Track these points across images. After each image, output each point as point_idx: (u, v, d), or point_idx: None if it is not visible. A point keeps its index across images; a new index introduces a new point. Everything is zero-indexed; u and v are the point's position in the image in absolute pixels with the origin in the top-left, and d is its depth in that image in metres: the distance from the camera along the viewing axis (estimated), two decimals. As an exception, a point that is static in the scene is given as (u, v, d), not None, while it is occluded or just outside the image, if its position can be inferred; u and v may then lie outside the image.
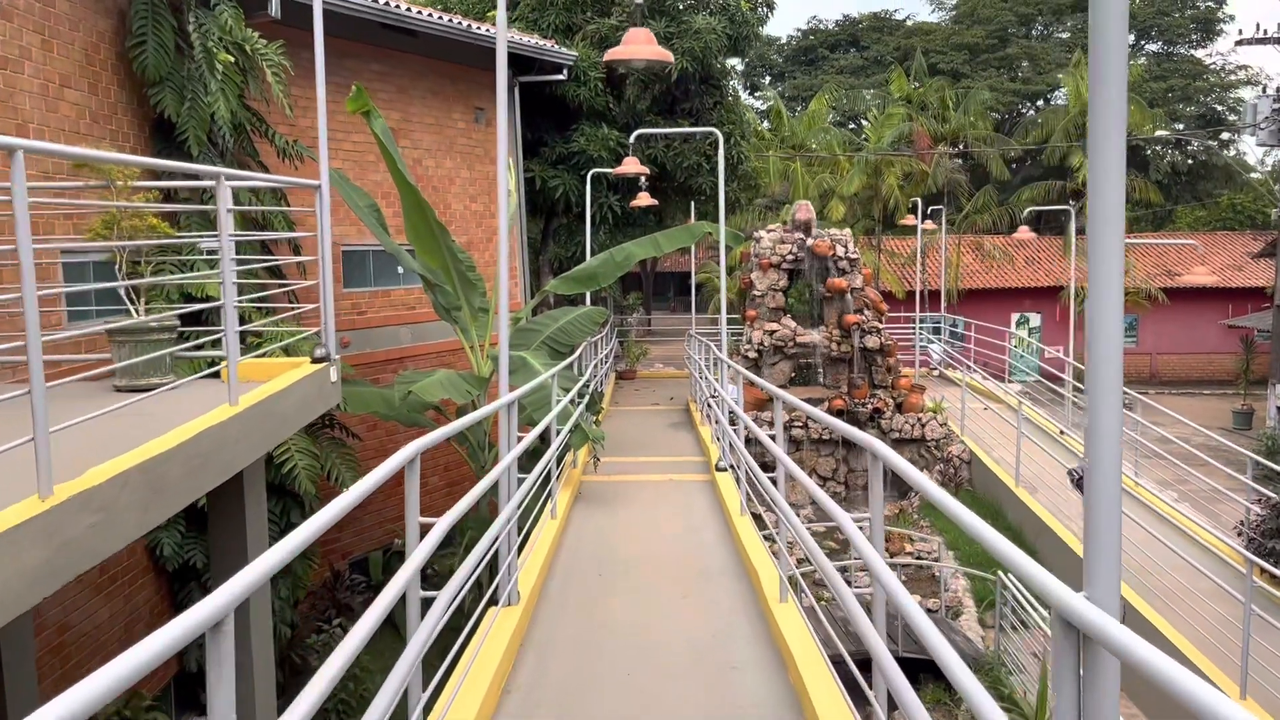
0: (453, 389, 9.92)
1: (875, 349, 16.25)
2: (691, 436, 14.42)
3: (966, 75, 43.48)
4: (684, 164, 18.11)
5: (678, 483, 11.00)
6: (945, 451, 15.73)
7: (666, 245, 11.62)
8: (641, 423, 16.04)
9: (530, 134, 18.35)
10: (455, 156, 15.78)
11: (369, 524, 14.17)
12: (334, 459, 10.73)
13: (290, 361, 7.26)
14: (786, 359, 16.55)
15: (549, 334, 12.46)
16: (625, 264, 11.47)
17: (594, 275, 11.46)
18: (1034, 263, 39.98)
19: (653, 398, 19.75)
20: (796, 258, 16.65)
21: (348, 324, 13.77)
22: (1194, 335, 38.23)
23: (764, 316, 16.66)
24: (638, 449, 13.26)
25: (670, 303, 57.24)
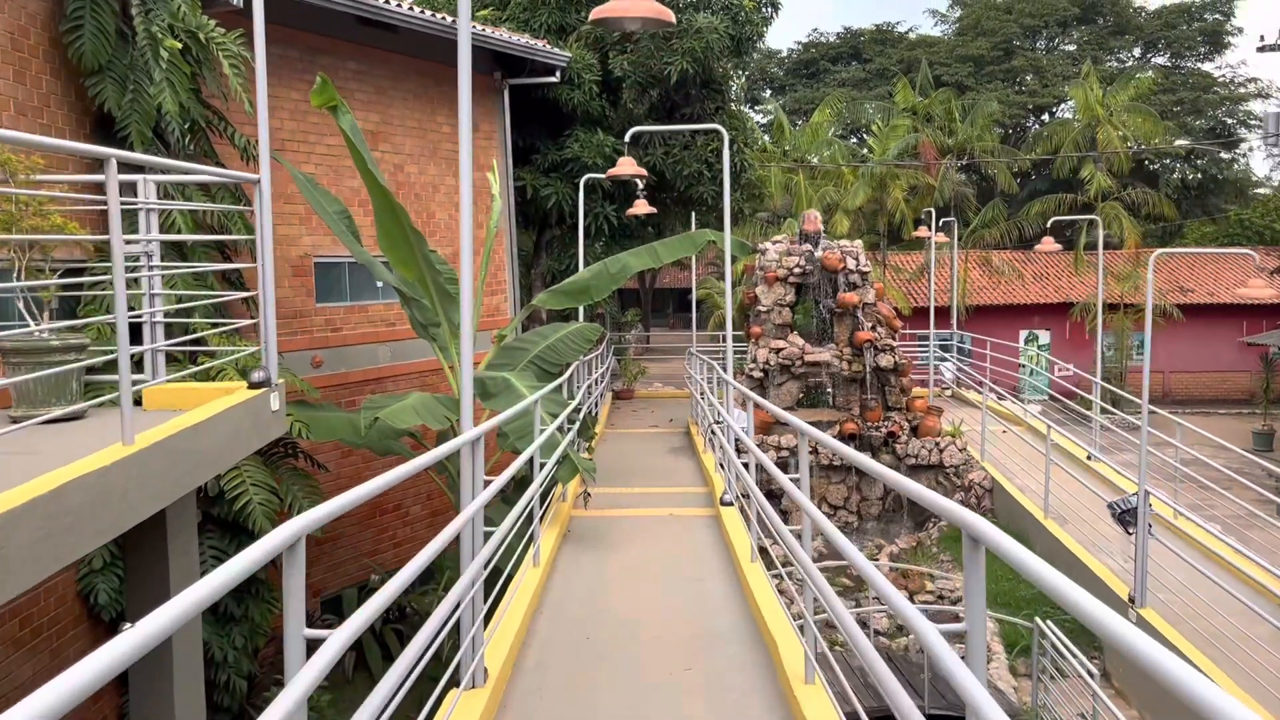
0: (427, 414, 8.84)
1: (889, 368, 15.19)
2: (693, 463, 13.34)
3: (971, 88, 42.60)
4: (684, 171, 17.09)
5: (678, 518, 9.91)
6: (965, 479, 14.65)
7: (666, 255, 10.60)
8: (639, 447, 14.96)
9: (521, 140, 17.35)
10: (439, 162, 14.76)
11: (343, 558, 13.08)
12: (296, 492, 9.63)
13: (219, 387, 6.18)
14: (794, 379, 15.49)
15: (537, 353, 11.39)
16: (620, 276, 10.42)
17: (586, 289, 10.40)
18: (1042, 278, 38.96)
19: (651, 419, 18.67)
20: (804, 271, 15.62)
21: (321, 342, 12.72)
22: (1208, 353, 37.16)
23: (770, 333, 15.61)
24: (634, 478, 12.18)
25: (669, 319, 56.28)
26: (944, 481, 14.90)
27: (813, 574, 4.69)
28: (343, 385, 13.01)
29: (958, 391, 20.62)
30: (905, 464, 14.91)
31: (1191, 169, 43.24)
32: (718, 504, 9.98)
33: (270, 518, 8.99)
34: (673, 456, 14.03)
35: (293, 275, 12.38)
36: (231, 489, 8.87)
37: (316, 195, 10.55)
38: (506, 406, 9.14)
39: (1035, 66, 44.37)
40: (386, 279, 10.39)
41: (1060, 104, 44.45)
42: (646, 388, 23.08)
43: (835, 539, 4.17)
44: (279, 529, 2.44)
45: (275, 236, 12.48)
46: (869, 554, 13.88)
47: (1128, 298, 32.78)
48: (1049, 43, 48.19)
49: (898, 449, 14.89)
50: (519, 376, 9.73)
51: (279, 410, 6.23)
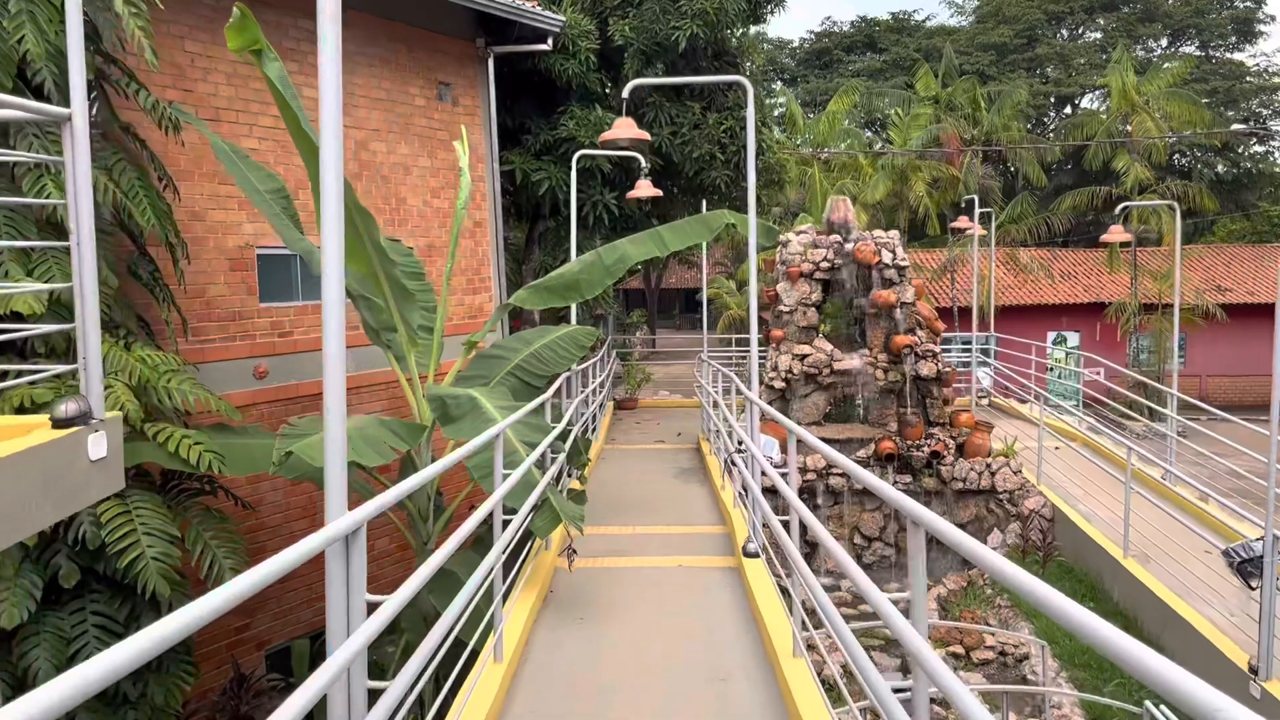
0: (365, 446, 6.84)
1: (931, 378, 13.15)
2: (705, 491, 11.32)
3: (993, 77, 40.51)
4: (694, 154, 15.08)
5: (691, 571, 7.89)
6: (1021, 506, 12.60)
7: (674, 242, 8.59)
8: (642, 469, 12.94)
9: (509, 119, 15.36)
10: (412, 140, 12.76)
11: (293, 603, 11.08)
12: (208, 540, 7.62)
13: (14, 424, 4.17)
14: (821, 390, 13.45)
15: (519, 362, 9.39)
16: (617, 269, 8.41)
17: (575, 284, 8.39)
18: (1069, 277, 36.86)
19: (657, 433, 16.64)
20: (833, 265, 13.59)
21: (265, 348, 10.73)
22: (1248, 355, 35.04)
23: (793, 337, 13.59)
24: (636, 512, 10.16)
25: (676, 320, 54.33)
26: (996, 509, 12.86)
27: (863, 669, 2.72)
28: (293, 399, 11.02)
29: (995, 401, 18.54)
30: (952, 488, 12.87)
31: (1226, 162, 41.07)
32: (739, 552, 7.97)
33: (169, 576, 7.01)
34: (681, 481, 12.00)
35: (230, 270, 10.39)
36: (115, 540, 6.89)
37: (243, 169, 8.56)
38: (472, 433, 7.14)
39: (1061, 54, 42.23)
40: (328, 272, 8.38)
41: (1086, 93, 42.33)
42: (652, 396, 21.05)
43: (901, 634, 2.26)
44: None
45: (207, 223, 10.53)
46: (912, 596, 11.82)
47: (1166, 297, 30.68)
48: (1072, 30, 46.03)
49: (943, 471, 12.85)
50: (490, 394, 7.72)
51: (109, 459, 4.22)
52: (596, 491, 11.26)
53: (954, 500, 12.84)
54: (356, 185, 11.98)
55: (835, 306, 13.68)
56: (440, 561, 4.02)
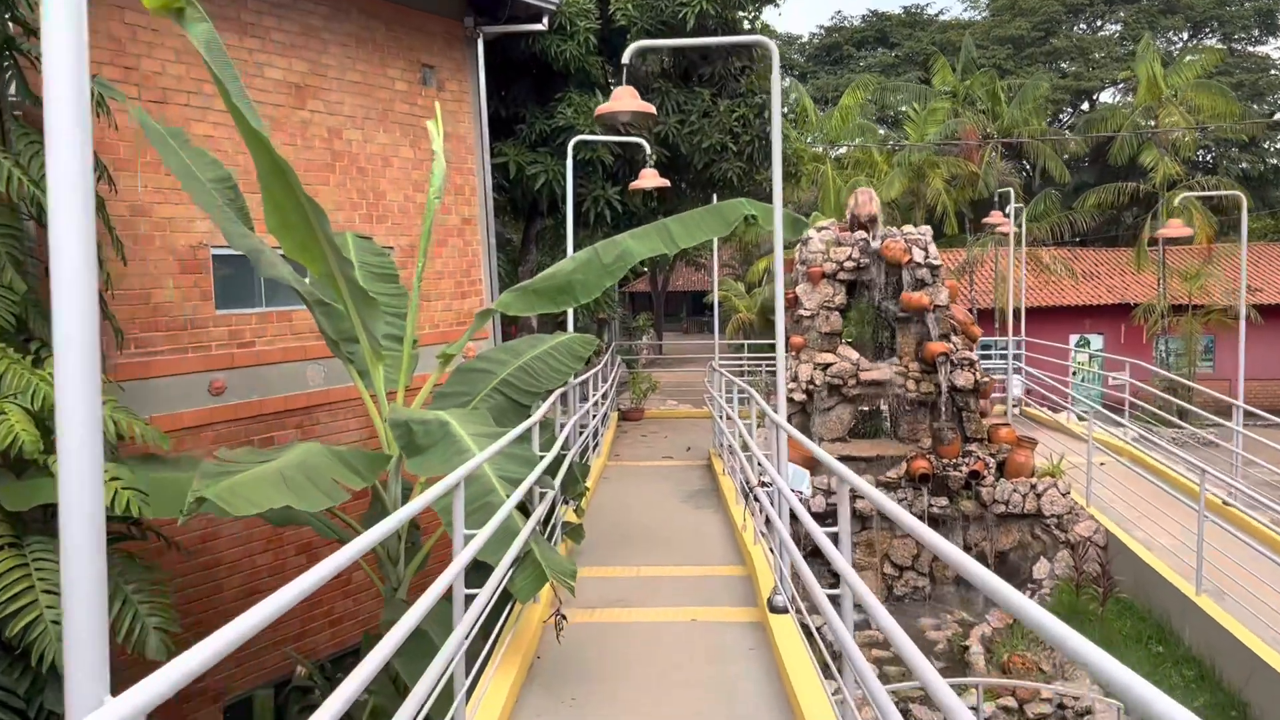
0: (312, 481, 5.58)
1: (968, 388, 11.86)
2: (719, 518, 10.05)
3: (1010, 71, 39.19)
4: (703, 144, 13.82)
5: (706, 628, 6.63)
6: (1070, 532, 11.30)
7: (684, 237, 7.29)
8: (648, 491, 11.67)
9: (502, 108, 14.13)
10: (392, 129, 11.52)
11: (256, 646, 9.83)
12: (129, 595, 6.36)
13: None
14: (846, 402, 12.17)
15: (506, 376, 8.13)
16: (617, 268, 7.12)
17: (569, 286, 7.11)
18: (1092, 277, 35.48)
19: (664, 447, 15.39)
20: (858, 265, 12.30)
21: (223, 360, 9.48)
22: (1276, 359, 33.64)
23: (814, 344, 12.31)
24: (642, 546, 8.89)
25: (683, 324, 53.11)
26: (1042, 535, 11.56)
27: None
28: (256, 418, 9.78)
29: (1026, 410, 17.21)
30: (993, 512, 11.57)
31: (1252, 157, 39.66)
32: (763, 603, 6.71)
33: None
34: (692, 506, 10.73)
35: (180, 272, 9.14)
36: (4, 599, 5.64)
37: (181, 154, 7.31)
38: (442, 467, 5.90)
39: (1081, 47, 40.87)
40: (279, 275, 7.13)
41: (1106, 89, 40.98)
42: (659, 405, 19.78)
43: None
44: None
45: (153, 219, 9.27)
46: (952, 636, 10.55)
47: (1197, 297, 29.31)
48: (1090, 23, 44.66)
49: (983, 493, 11.55)
50: (467, 418, 6.46)
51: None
52: (597, 520, 10.00)
53: (995, 525, 11.55)
54: (329, 177, 10.75)
55: (861, 310, 12.41)
56: (400, 638, 2.99)
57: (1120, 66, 39.31)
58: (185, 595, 9.04)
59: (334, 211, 10.82)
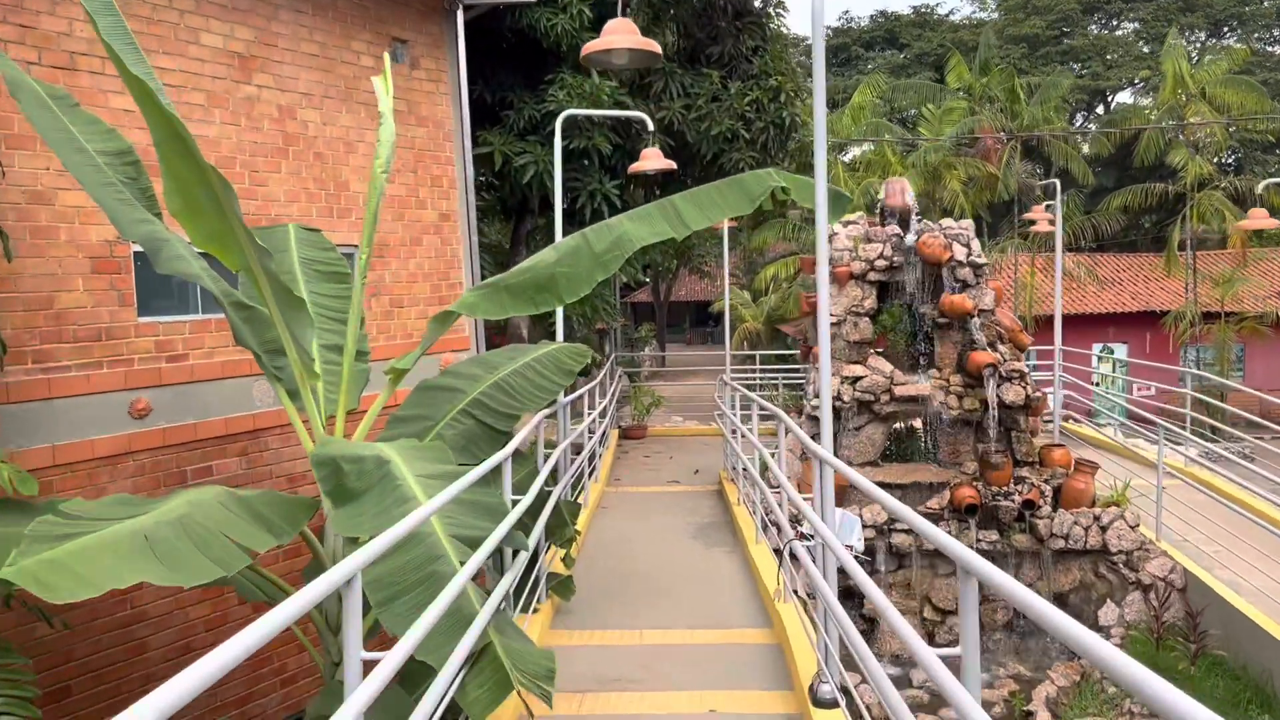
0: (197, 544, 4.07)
1: (1018, 405, 10.33)
2: (736, 560, 8.52)
3: (1026, 71, 37.75)
4: (712, 132, 12.34)
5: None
6: (1141, 570, 9.76)
7: (696, 217, 5.71)
8: (651, 525, 10.15)
9: (487, 93, 12.67)
10: (356, 110, 10.04)
11: (194, 711, 8.27)
12: (-28, 687, 4.82)
13: None
14: (878, 421, 10.64)
15: (477, 395, 6.62)
16: (612, 259, 5.55)
17: (550, 281, 5.54)
18: (1115, 284, 33.94)
19: (669, 470, 13.87)
20: (890, 264, 10.79)
21: (149, 377, 7.96)
22: (1311, 369, 32.04)
23: (840, 355, 10.80)
24: (644, 599, 7.36)
25: (687, 334, 51.67)
26: (1108, 575, 10.01)
27: None
28: (189, 445, 8.26)
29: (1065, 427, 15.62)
30: (1050, 547, 10.03)
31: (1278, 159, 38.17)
32: (800, 687, 5.19)
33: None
34: (703, 545, 9.20)
35: (92, 271, 7.64)
36: None
37: (63, 117, 5.82)
38: (374, 521, 4.40)
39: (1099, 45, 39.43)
40: (183, 271, 5.61)
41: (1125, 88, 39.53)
42: (663, 423, 18.25)
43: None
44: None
45: (56, 209, 7.72)
46: (1010, 696, 9.00)
47: (1233, 304, 27.76)
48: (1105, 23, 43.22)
49: (1039, 526, 10.00)
50: (414, 454, 4.93)
51: None
52: (592, 562, 8.48)
53: (1052, 563, 10.01)
54: (280, 164, 9.26)
55: (893, 316, 10.89)
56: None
57: (1140, 66, 37.88)
58: (97, 660, 7.53)
59: (286, 204, 9.33)
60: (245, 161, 8.88)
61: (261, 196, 9.05)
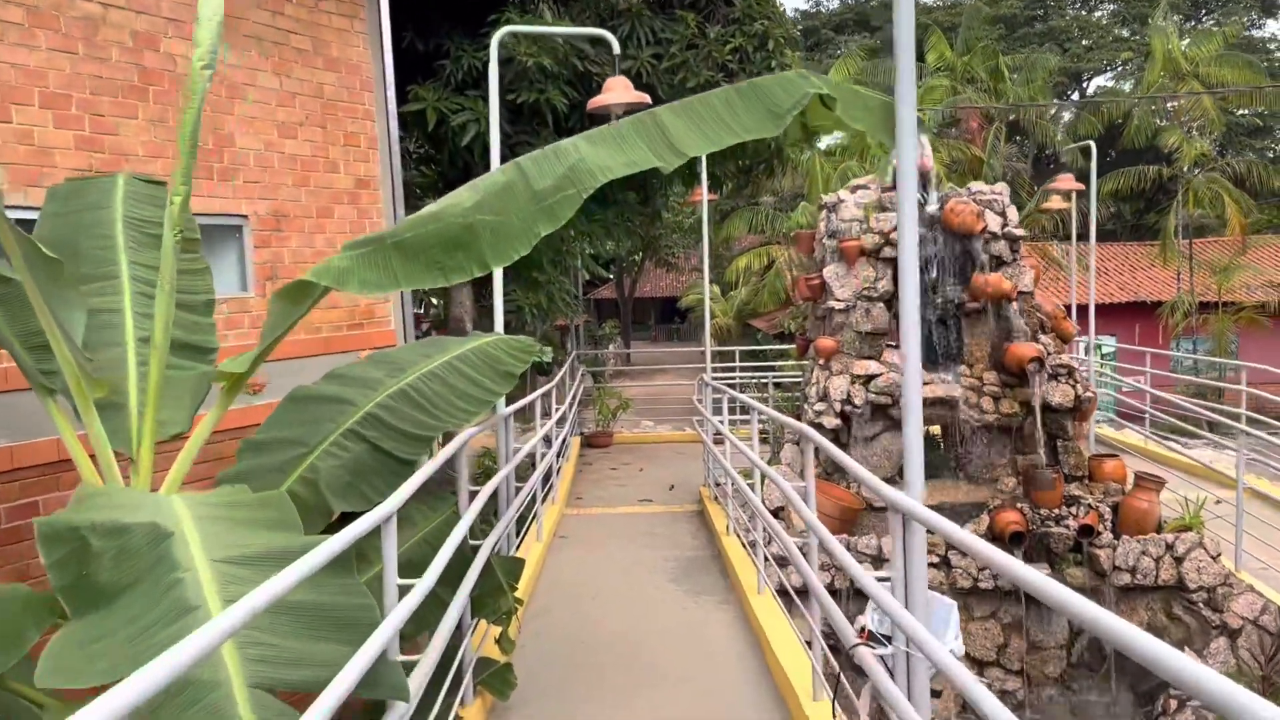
0: None
1: (1066, 407, 8.46)
2: (730, 617, 6.53)
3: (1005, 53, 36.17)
4: (688, 85, 10.36)
5: None
6: (1226, 611, 7.91)
7: (694, 138, 3.55)
8: (620, 561, 8.16)
9: (419, 40, 10.62)
10: (246, 45, 7.92)
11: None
12: None
13: None
14: (895, 428, 8.71)
15: (373, 409, 4.59)
16: (560, 202, 3.50)
17: (464, 236, 3.47)
18: (1101, 274, 32.45)
19: (640, 486, 11.89)
20: (910, 237, 8.87)
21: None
22: (1306, 360, 30.71)
23: (850, 349, 8.86)
24: (611, 688, 5.34)
25: (652, 331, 49.78)
26: (1185, 616, 8.14)
27: None
28: None
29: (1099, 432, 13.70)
30: (1113, 583, 8.15)
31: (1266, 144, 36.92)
32: None
33: None
34: (688, 592, 7.21)
35: None
36: None
37: None
38: (122, 655, 2.32)
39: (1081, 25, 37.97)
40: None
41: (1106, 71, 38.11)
42: (631, 428, 16.25)
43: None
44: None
45: None
46: None
47: (1231, 294, 26.31)
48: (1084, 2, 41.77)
49: (1100, 557, 8.12)
50: (225, 517, 2.90)
51: None
52: (544, 623, 6.47)
53: (1115, 600, 8.13)
54: (137, 108, 7.12)
55: (914, 300, 8.99)
56: None
57: (1121, 48, 36.48)
58: None
59: (146, 160, 7.20)
60: (85, 102, 6.75)
61: (109, 148, 6.92)
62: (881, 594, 3.11)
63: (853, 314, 8.80)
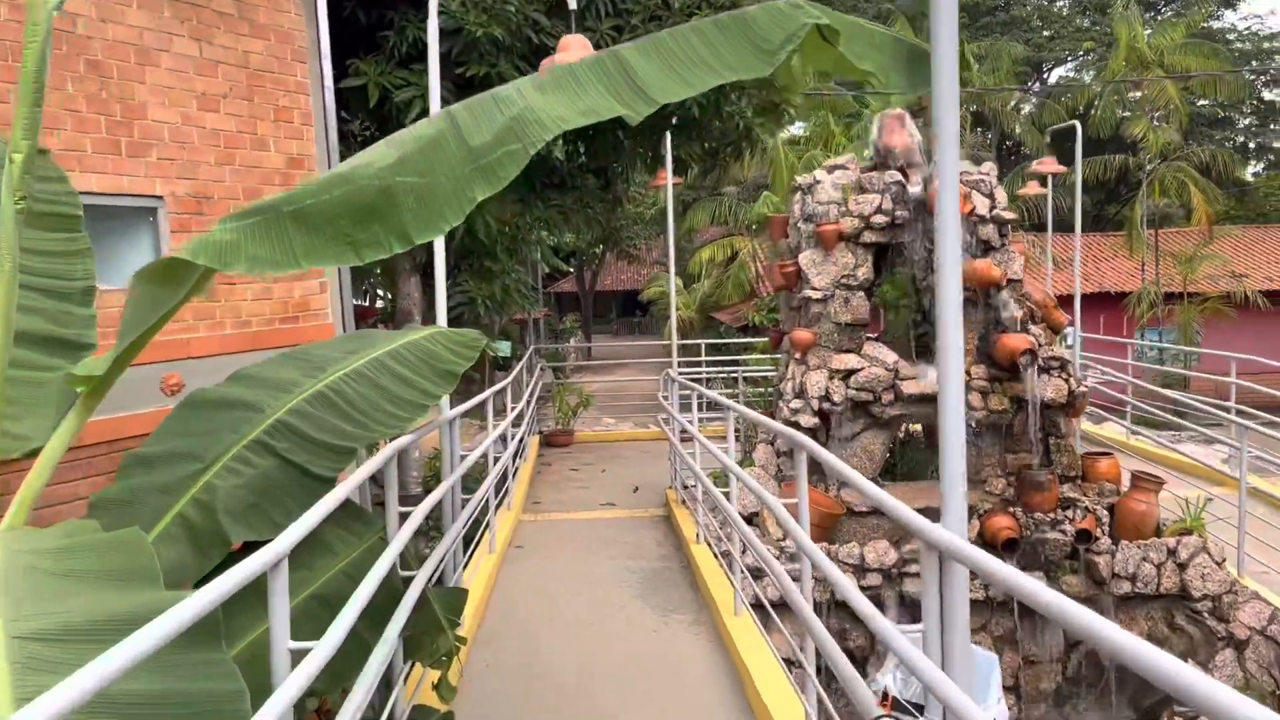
0: None
1: (1059, 402, 7.89)
2: (705, 641, 5.85)
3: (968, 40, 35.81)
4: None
5: None
6: (1233, 621, 7.37)
7: (668, 79, 2.88)
8: (580, 574, 7.46)
9: (361, 10, 9.81)
10: (159, 8, 7.10)
11: None
12: None
13: None
14: (878, 427, 8.09)
15: (285, 415, 3.85)
16: (500, 160, 2.80)
17: (380, 201, 2.77)
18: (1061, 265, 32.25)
19: (602, 487, 11.21)
20: (891, 220, 8.22)
21: None
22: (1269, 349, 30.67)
23: (828, 341, 8.21)
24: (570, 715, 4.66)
25: (613, 325, 49.07)
26: (1189, 627, 7.60)
27: None
28: None
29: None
30: (1111, 591, 7.58)
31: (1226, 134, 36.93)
32: None
33: None
34: (657, 612, 6.52)
35: None
36: None
37: None
38: None
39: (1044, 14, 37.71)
40: None
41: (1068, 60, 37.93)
42: (592, 426, 15.53)
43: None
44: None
45: None
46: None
47: (1194, 285, 26.13)
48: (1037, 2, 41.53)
49: (1099, 563, 7.55)
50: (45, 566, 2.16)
51: None
52: (495, 653, 5.74)
53: (1114, 609, 7.57)
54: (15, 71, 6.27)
55: (896, 288, 8.36)
56: None
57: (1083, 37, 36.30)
58: None
59: (45, 133, 6.39)
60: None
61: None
62: (916, 657, 2.45)
63: (831, 304, 8.15)
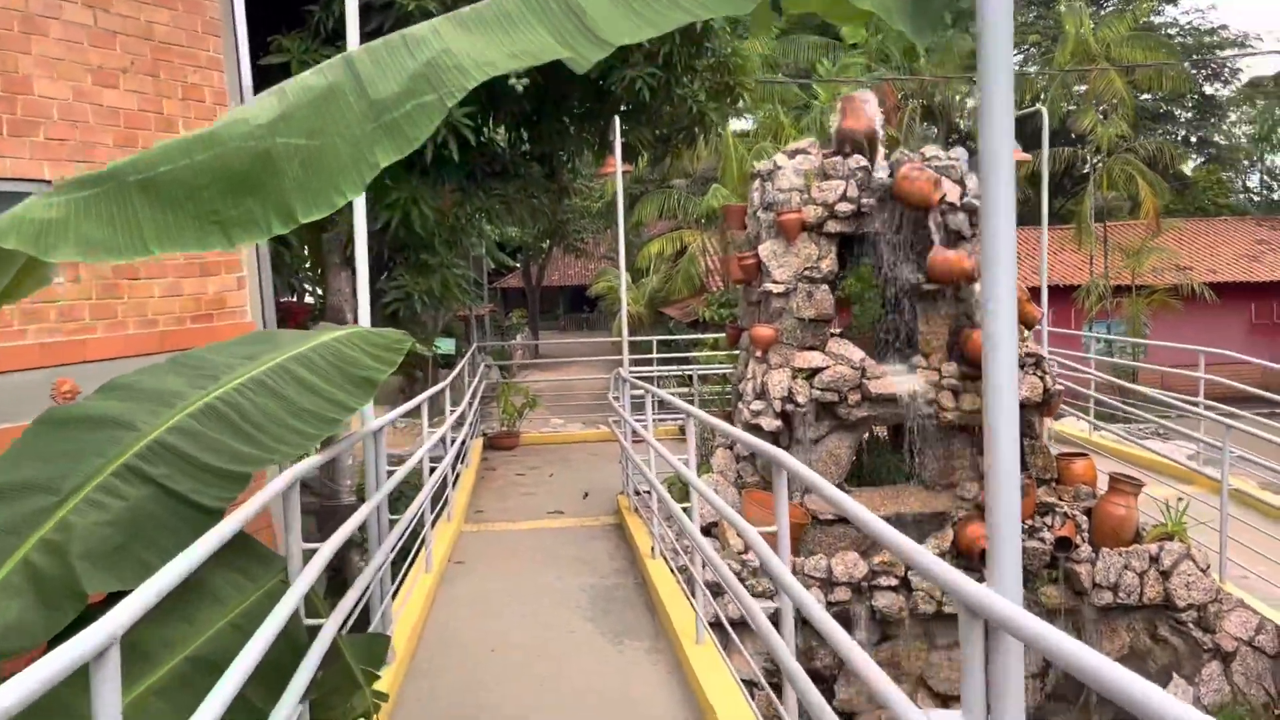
0: None
1: (1034, 401, 7.43)
2: (663, 673, 5.27)
3: (913, 35, 35.69)
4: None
5: None
6: (1219, 631, 6.98)
7: (620, 14, 2.57)
8: (526, 592, 6.84)
9: (285, -18, 9.06)
10: (44, -33, 6.34)
11: None
12: None
13: None
14: (844, 430, 7.57)
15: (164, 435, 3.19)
16: (411, 116, 2.23)
17: (256, 167, 2.19)
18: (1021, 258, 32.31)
19: (549, 493, 10.59)
20: (857, 209, 7.70)
21: None
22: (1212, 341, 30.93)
23: (790, 338, 7.68)
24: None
25: (560, 321, 48.37)
26: (1172, 638, 7.19)
27: None
28: None
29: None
30: (1092, 601, 7.15)
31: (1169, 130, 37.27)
32: None
33: None
34: (608, 640, 5.92)
35: None
36: None
37: None
38: None
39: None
40: None
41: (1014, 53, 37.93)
42: (540, 427, 14.88)
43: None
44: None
45: None
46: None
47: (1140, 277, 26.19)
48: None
49: (1079, 573, 7.10)
50: None
51: None
52: (425, 697, 5.10)
53: (1095, 621, 7.14)
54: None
55: (861, 281, 7.85)
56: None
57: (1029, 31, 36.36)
58: None
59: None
60: None
61: None
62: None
63: (793, 298, 7.61)
